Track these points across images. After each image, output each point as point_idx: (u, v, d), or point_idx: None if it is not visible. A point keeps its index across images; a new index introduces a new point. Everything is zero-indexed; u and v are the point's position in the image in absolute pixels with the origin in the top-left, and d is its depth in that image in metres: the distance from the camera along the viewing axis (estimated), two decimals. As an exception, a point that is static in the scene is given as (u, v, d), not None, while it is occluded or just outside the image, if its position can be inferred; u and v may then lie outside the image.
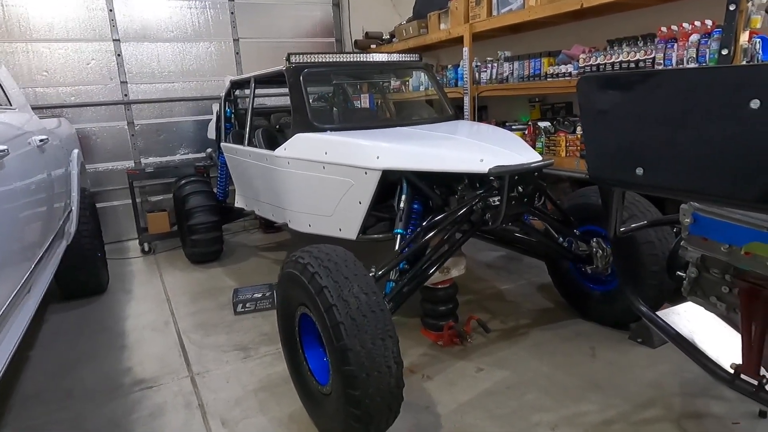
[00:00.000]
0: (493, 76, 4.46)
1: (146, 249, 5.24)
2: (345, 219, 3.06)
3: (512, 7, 4.10)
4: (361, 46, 6.31)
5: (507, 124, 4.46)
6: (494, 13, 4.30)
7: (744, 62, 2.71)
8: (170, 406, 2.53)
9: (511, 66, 4.26)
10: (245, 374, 2.77)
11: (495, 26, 4.28)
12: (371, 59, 3.92)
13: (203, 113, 5.84)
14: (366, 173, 2.82)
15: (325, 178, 3.10)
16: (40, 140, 2.86)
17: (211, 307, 3.74)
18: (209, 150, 5.61)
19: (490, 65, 4.49)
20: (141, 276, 4.57)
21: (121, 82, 5.48)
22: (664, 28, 3.16)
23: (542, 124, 4.05)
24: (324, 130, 3.29)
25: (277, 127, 4.83)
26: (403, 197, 2.73)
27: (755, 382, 1.44)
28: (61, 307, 3.84)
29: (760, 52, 2.71)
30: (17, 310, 2.20)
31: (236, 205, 4.60)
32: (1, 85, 3.10)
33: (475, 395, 2.45)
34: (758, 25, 2.73)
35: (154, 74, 5.64)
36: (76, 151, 3.96)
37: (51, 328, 3.52)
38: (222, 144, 4.70)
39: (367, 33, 6.39)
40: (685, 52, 3.01)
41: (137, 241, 5.34)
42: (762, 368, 1.46)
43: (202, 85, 5.87)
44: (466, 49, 4.56)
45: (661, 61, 3.16)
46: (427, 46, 5.46)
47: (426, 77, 4.51)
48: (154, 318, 3.61)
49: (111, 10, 5.33)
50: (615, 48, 3.45)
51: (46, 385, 2.79)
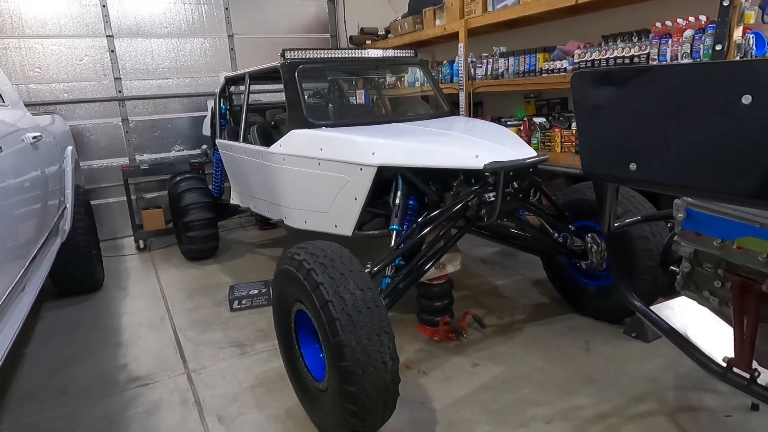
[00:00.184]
0: (489, 72, 4.46)
1: (141, 246, 5.22)
2: (340, 215, 3.06)
3: (507, 3, 4.10)
4: (356, 42, 6.30)
5: (502, 119, 4.46)
6: (489, 8, 4.30)
7: (738, 58, 2.72)
8: (166, 403, 2.53)
9: (507, 62, 4.27)
10: (241, 371, 2.78)
11: (490, 22, 4.28)
12: (366, 55, 3.91)
13: (198, 110, 5.81)
14: (361, 169, 2.82)
15: (320, 174, 3.09)
16: (34, 137, 2.84)
17: (207, 304, 3.74)
18: (204, 146, 5.61)
19: (485, 61, 4.49)
20: (136, 273, 4.56)
21: (114, 78, 5.45)
22: (658, 24, 3.16)
23: (537, 119, 4.05)
24: (319, 126, 3.29)
25: (273, 123, 4.82)
26: (399, 193, 2.74)
27: (747, 376, 1.45)
28: (57, 305, 3.83)
29: (754, 47, 2.72)
30: (12, 307, 2.20)
31: (232, 201, 4.60)
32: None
33: (470, 390, 2.47)
34: (752, 21, 2.74)
35: (148, 70, 5.61)
36: (70, 148, 3.94)
37: (46, 326, 3.51)
38: (217, 140, 4.69)
39: (362, 29, 6.38)
40: (680, 47, 3.02)
41: (132, 238, 5.33)
42: (754, 361, 1.47)
43: (197, 82, 5.85)
44: (461, 45, 4.56)
45: (656, 57, 3.16)
46: (422, 42, 5.45)
47: (421, 73, 4.50)
48: (150, 315, 3.61)
49: (104, 6, 5.30)
50: (610, 43, 3.46)
51: (42, 382, 2.79)
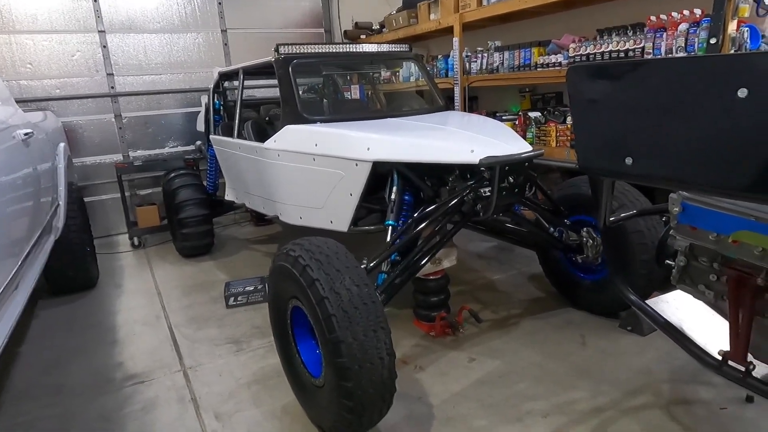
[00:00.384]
0: (484, 66, 4.44)
1: (136, 243, 5.20)
2: (336, 211, 3.05)
3: (502, -3, 4.08)
4: (351, 37, 6.26)
5: (497, 114, 4.45)
6: (484, 2, 4.28)
7: (732, 51, 2.72)
8: (163, 401, 2.52)
9: (502, 56, 4.26)
10: (238, 367, 2.77)
11: (485, 16, 4.26)
12: (361, 50, 3.89)
13: (192, 105, 5.77)
14: (357, 165, 2.81)
15: (315, 170, 3.08)
16: (25, 134, 2.81)
17: (203, 300, 3.72)
18: (198, 142, 5.57)
19: (480, 55, 4.48)
20: (131, 270, 4.54)
21: (107, 74, 5.40)
22: (653, 18, 3.16)
23: (533, 114, 4.05)
24: (314, 121, 3.27)
25: (267, 118, 4.80)
26: (394, 189, 2.73)
27: (743, 369, 1.46)
28: (51, 303, 3.81)
29: (748, 40, 2.72)
30: (5, 306, 2.18)
31: (226, 197, 4.57)
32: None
33: (467, 385, 2.47)
34: (746, 14, 2.74)
35: (141, 66, 5.56)
36: (62, 145, 3.91)
37: (40, 324, 3.49)
38: (211, 136, 4.66)
39: (356, 23, 6.34)
40: (674, 41, 3.02)
41: (127, 235, 5.30)
42: (749, 355, 1.48)
43: (191, 77, 5.80)
44: (456, 39, 4.54)
45: (651, 51, 3.16)
46: (417, 37, 5.42)
47: (416, 68, 4.48)
48: (145, 312, 3.59)
49: (95, 1, 5.24)
50: (605, 37, 3.45)
51: (36, 381, 2.77)
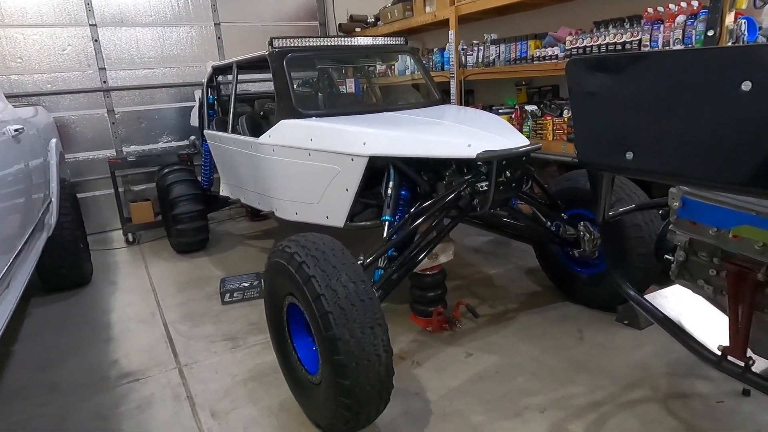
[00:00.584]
0: (480, 60, 4.42)
1: (130, 239, 5.16)
2: (332, 206, 3.02)
3: (498, -11, 4.05)
4: (346, 30, 6.22)
5: (494, 108, 4.43)
6: (480, -6, 4.25)
7: (730, 43, 2.71)
8: (158, 399, 2.50)
9: (498, 49, 4.23)
10: (234, 364, 2.75)
11: (481, 8, 4.23)
12: (356, 43, 3.85)
13: (185, 100, 5.71)
14: (353, 160, 2.79)
15: (311, 165, 3.05)
16: (15, 130, 2.77)
17: (198, 297, 3.70)
18: (192, 137, 5.53)
19: (476, 48, 4.45)
20: (125, 267, 4.50)
21: (99, 68, 5.33)
22: (650, 10, 3.14)
23: (529, 107, 4.03)
24: (309, 116, 3.24)
25: (262, 113, 4.74)
26: (391, 184, 2.70)
27: (742, 364, 1.45)
28: (44, 300, 3.78)
29: (746, 33, 2.71)
30: (-4, 305, 2.15)
31: (221, 193, 4.54)
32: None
33: (464, 380, 2.46)
34: (744, 6, 2.73)
35: (134, 60, 5.50)
36: (54, 141, 3.86)
37: (34, 322, 3.46)
38: (205, 131, 4.61)
39: (351, 16, 6.30)
40: (672, 33, 3.00)
41: (121, 231, 5.26)
42: (749, 350, 1.47)
43: (184, 71, 5.74)
44: (451, 32, 4.51)
45: (648, 43, 3.14)
46: (412, 30, 5.39)
47: (412, 61, 4.45)
48: (140, 309, 3.56)
49: (86, -6, 5.18)
50: (601, 30, 3.43)
51: (30, 379, 2.74)
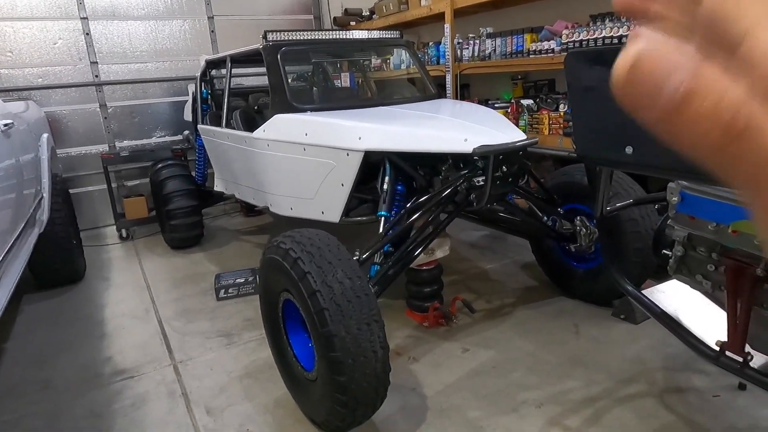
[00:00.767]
0: (476, 54, 4.39)
1: (124, 235, 5.11)
2: (327, 202, 3.00)
3: (494, -18, 4.02)
4: (341, 23, 6.16)
5: (490, 102, 4.41)
6: (476, -12, 4.22)
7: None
8: (153, 396, 2.48)
9: (494, 43, 4.20)
10: (229, 361, 2.73)
11: (477, 2, 4.19)
12: (351, 37, 3.82)
13: (179, 94, 5.66)
14: (348, 155, 2.76)
15: (306, 160, 3.03)
16: (5, 125, 2.73)
17: (193, 293, 3.67)
18: (186, 132, 5.47)
19: (472, 42, 4.42)
20: (119, 263, 4.47)
21: (91, 62, 5.27)
22: (647, 3, 3.12)
23: (525, 101, 4.01)
24: (304, 110, 3.21)
25: (256, 107, 4.71)
26: (387, 179, 2.68)
27: (740, 359, 1.45)
28: (36, 297, 3.74)
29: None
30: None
31: (216, 188, 4.50)
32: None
33: (461, 376, 2.46)
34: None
35: (126, 54, 5.43)
36: (45, 136, 3.81)
37: (26, 319, 3.42)
38: (199, 126, 4.57)
39: (346, 10, 6.24)
40: (668, 27, 2.99)
41: (114, 227, 5.21)
42: (747, 345, 1.47)
43: (177, 65, 5.68)
44: (447, 26, 4.47)
45: (644, 37, 3.13)
46: (407, 23, 5.34)
47: (407, 55, 4.42)
48: (134, 305, 3.54)
49: (77, -13, 5.10)
50: (598, 23, 3.41)
51: (22, 377, 2.72)
